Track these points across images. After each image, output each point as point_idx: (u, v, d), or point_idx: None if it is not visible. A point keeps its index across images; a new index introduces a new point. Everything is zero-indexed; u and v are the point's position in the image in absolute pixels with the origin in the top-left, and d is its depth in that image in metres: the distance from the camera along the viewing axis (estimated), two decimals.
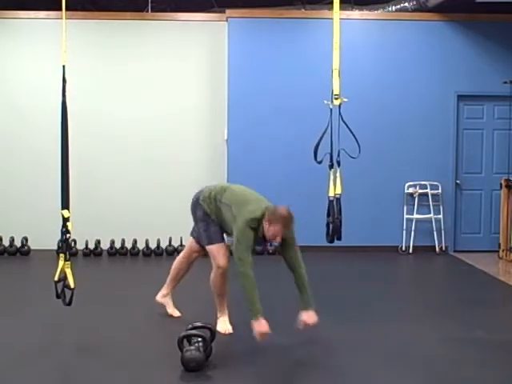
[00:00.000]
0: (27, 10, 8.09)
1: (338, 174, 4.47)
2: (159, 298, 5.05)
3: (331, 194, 4.49)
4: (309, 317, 4.23)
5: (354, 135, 4.39)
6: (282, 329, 4.64)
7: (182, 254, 4.96)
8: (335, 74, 4.42)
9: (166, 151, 8.12)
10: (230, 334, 4.54)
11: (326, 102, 4.48)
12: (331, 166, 4.48)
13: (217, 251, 4.50)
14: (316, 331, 4.60)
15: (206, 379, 3.70)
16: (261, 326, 4.02)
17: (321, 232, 4.91)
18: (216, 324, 4.52)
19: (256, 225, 4.21)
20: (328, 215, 4.48)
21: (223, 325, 4.58)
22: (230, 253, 4.40)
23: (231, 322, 4.64)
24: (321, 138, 4.45)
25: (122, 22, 8.13)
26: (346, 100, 4.45)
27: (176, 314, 4.96)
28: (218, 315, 4.63)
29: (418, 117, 8.11)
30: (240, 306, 4.70)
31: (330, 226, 4.48)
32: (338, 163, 4.46)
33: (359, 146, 4.43)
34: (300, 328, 4.22)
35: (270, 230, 4.20)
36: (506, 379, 3.78)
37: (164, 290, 5.04)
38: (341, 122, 4.52)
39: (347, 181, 4.66)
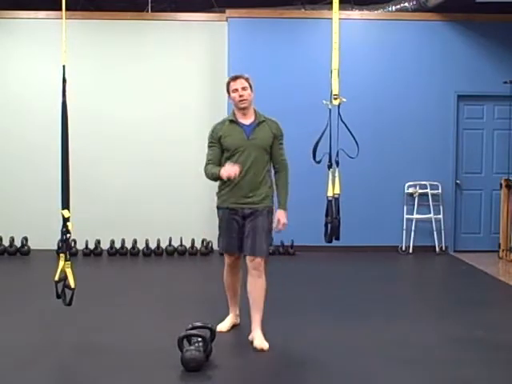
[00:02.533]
0: (27, 9, 8.10)
1: (336, 174, 4.46)
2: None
3: (330, 193, 4.49)
4: (281, 216, 4.31)
5: (352, 135, 4.39)
6: (282, 329, 4.65)
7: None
8: (334, 73, 4.42)
9: (166, 151, 8.13)
10: (229, 332, 4.54)
11: (324, 102, 4.48)
12: (330, 166, 4.47)
13: None
14: (316, 331, 4.61)
15: (206, 379, 3.69)
16: (226, 171, 4.10)
17: (321, 232, 4.90)
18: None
19: (219, 127, 4.35)
20: (326, 215, 4.48)
21: (222, 323, 4.59)
22: (239, 249, 4.38)
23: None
24: (320, 138, 4.45)
25: (121, 22, 8.14)
26: (344, 100, 4.45)
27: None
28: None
29: (418, 117, 8.11)
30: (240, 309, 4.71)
31: (329, 225, 4.47)
32: (337, 163, 4.46)
33: (358, 146, 4.42)
34: (275, 228, 4.34)
35: (232, 97, 4.35)
36: (506, 379, 3.78)
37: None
38: (340, 122, 4.52)
39: (347, 181, 4.66)
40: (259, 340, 4.22)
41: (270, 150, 4.37)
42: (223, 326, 4.57)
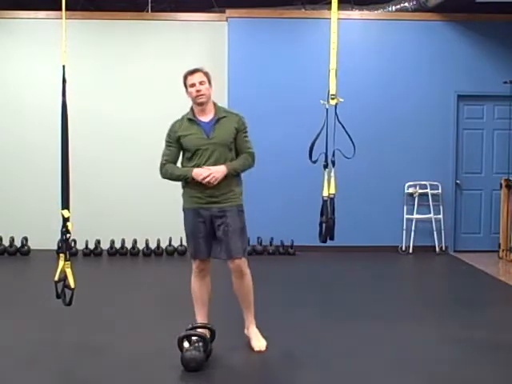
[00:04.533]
0: (27, 9, 8.10)
1: (332, 174, 4.45)
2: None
3: (325, 193, 4.48)
4: (215, 169, 4.05)
5: (349, 135, 4.38)
6: (281, 329, 4.65)
7: None
8: (332, 73, 4.42)
9: None
10: (229, 332, 4.54)
11: (322, 101, 4.47)
12: (326, 166, 4.47)
13: None
14: (316, 331, 4.61)
15: (206, 379, 3.69)
16: (199, 171, 4.04)
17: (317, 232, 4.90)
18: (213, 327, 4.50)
19: (178, 125, 4.26)
20: (321, 215, 4.47)
21: None
22: (208, 254, 4.21)
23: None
24: (316, 138, 4.44)
25: (121, 22, 8.14)
26: (342, 100, 4.44)
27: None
28: None
29: (418, 117, 8.11)
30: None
31: (323, 225, 4.47)
32: (333, 163, 4.45)
33: (354, 146, 4.42)
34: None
35: (189, 92, 4.26)
36: (506, 379, 3.78)
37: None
38: (337, 122, 4.51)
39: (347, 181, 4.66)
40: (256, 340, 4.20)
41: (233, 146, 4.19)
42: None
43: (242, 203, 4.23)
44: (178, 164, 4.36)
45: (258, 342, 4.19)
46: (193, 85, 4.22)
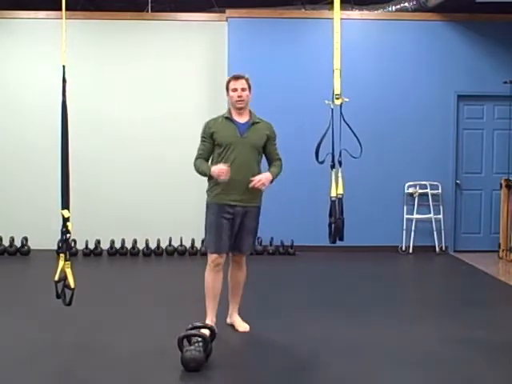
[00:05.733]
0: (27, 9, 8.10)
1: (339, 174, 4.46)
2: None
3: (333, 194, 4.48)
4: (265, 176, 4.38)
5: (355, 135, 4.38)
6: (281, 328, 4.65)
7: None
8: (336, 73, 4.42)
9: (166, 151, 8.12)
10: (229, 332, 4.54)
11: (327, 102, 4.48)
12: (333, 166, 4.47)
13: None
14: (316, 331, 4.61)
15: (206, 379, 3.69)
16: (217, 168, 4.23)
17: (321, 232, 4.90)
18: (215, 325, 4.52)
19: (213, 123, 4.48)
20: (330, 215, 4.47)
21: None
22: (230, 248, 4.46)
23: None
24: (322, 139, 4.45)
25: (122, 22, 8.14)
26: (347, 100, 4.45)
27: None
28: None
29: (418, 117, 8.11)
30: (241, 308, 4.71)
31: (333, 226, 4.47)
32: (340, 163, 4.46)
33: (361, 146, 4.42)
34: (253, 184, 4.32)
35: (231, 96, 4.45)
36: (506, 379, 3.77)
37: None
38: (341, 121, 4.51)
39: (347, 181, 4.65)
40: (240, 324, 4.55)
41: (262, 151, 4.48)
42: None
43: (261, 205, 4.53)
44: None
45: (243, 325, 4.55)
46: (235, 89, 4.44)
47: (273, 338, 4.36)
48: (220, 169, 4.23)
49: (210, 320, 4.44)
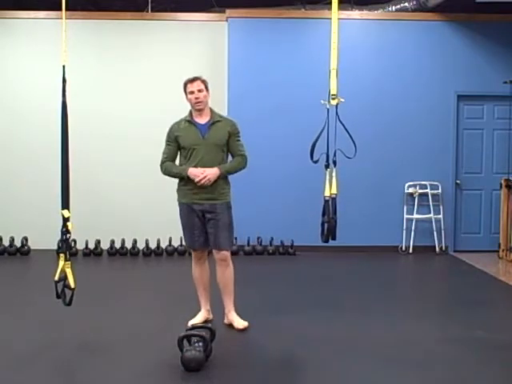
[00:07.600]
0: (27, 9, 8.10)
1: (333, 174, 4.46)
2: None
3: (327, 193, 4.49)
4: (209, 170, 4.49)
5: (350, 135, 4.39)
6: (281, 328, 4.65)
7: None
8: (333, 73, 4.42)
9: None
10: (229, 332, 4.54)
11: (322, 101, 4.48)
12: (327, 166, 4.48)
13: None
14: (316, 331, 4.61)
15: (206, 379, 3.69)
16: (194, 171, 4.46)
17: (319, 232, 4.90)
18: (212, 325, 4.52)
19: (176, 127, 4.67)
20: (323, 215, 4.49)
21: (194, 318, 4.66)
22: (204, 244, 4.63)
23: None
24: (317, 138, 4.45)
25: (121, 22, 8.13)
26: (342, 100, 4.45)
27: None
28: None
29: (417, 117, 8.11)
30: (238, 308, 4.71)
31: (325, 225, 4.48)
32: (334, 163, 4.46)
33: (355, 146, 4.42)
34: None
35: (189, 98, 4.62)
36: (506, 379, 3.78)
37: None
38: (338, 122, 4.52)
39: (347, 181, 4.66)
40: (238, 321, 4.59)
41: (225, 148, 4.61)
42: (195, 322, 4.53)
43: (230, 200, 4.64)
44: (177, 162, 4.74)
45: (241, 322, 4.60)
46: (192, 92, 4.60)
47: (272, 337, 4.36)
48: (197, 172, 4.44)
49: (204, 309, 4.70)
